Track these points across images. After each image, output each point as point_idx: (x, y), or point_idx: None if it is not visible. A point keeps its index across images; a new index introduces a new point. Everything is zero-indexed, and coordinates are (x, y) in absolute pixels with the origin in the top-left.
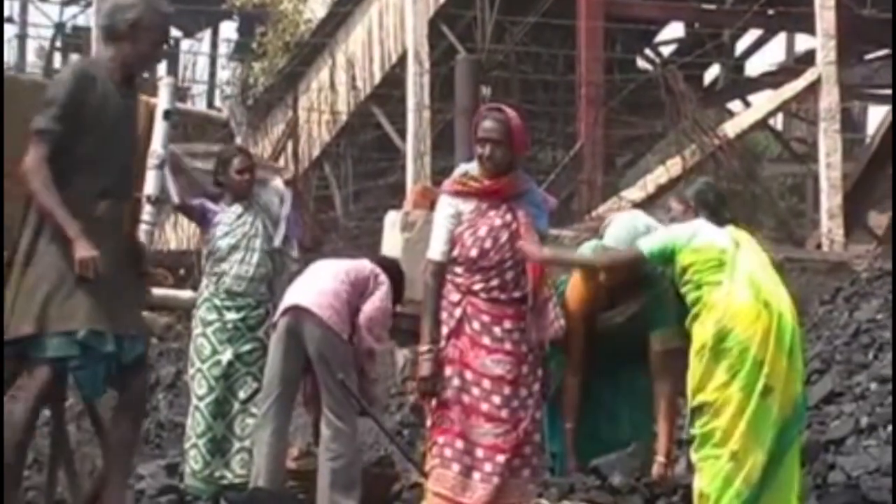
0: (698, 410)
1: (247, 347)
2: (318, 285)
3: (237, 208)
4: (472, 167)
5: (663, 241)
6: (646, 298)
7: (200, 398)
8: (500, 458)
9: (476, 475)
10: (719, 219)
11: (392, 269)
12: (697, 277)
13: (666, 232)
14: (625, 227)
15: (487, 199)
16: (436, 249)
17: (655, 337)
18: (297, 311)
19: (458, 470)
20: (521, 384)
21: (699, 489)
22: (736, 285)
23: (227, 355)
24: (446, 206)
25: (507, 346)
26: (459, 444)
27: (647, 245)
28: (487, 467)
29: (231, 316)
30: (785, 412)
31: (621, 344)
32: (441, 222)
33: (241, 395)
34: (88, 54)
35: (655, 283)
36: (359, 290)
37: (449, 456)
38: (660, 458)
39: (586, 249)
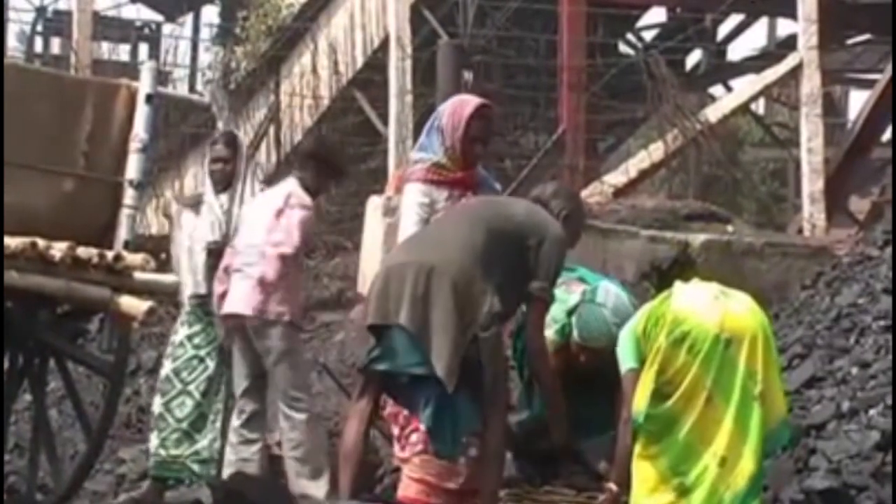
0: (656, 397)
1: (196, 328)
2: None
3: (224, 199)
4: (432, 155)
5: (632, 343)
6: None
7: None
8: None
9: (462, 460)
10: None
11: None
12: (653, 326)
13: (626, 337)
14: (597, 321)
15: (458, 188)
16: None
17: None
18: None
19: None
20: None
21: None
22: (683, 293)
23: (179, 336)
24: (418, 195)
25: None
26: None
27: (628, 362)
28: (472, 451)
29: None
30: (775, 421)
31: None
32: (414, 209)
33: (184, 375)
34: (70, 39)
35: None
36: None
37: None
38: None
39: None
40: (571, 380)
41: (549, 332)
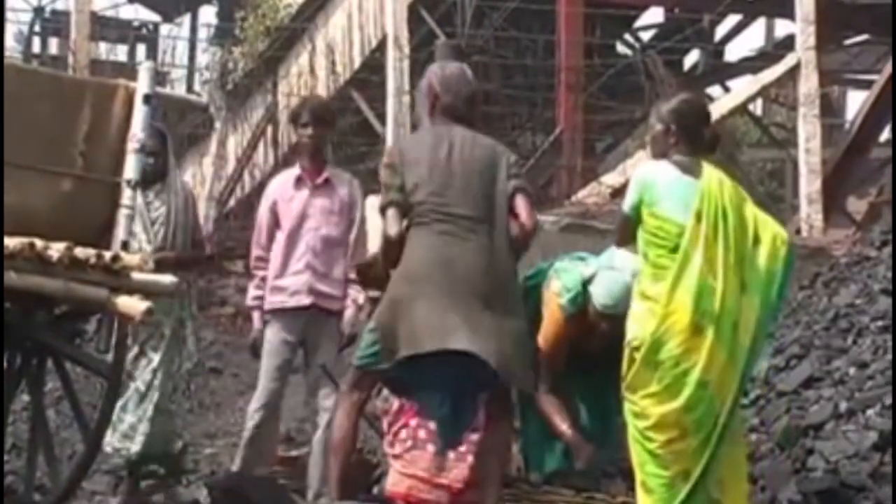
0: (629, 401)
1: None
2: None
3: (151, 196)
4: None
5: (636, 195)
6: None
7: None
8: (474, 437)
9: (451, 454)
10: (696, 144)
11: None
12: (649, 247)
13: (637, 183)
14: (618, 287)
15: None
16: (394, 231)
17: None
18: None
19: (434, 450)
20: None
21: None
22: (680, 289)
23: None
24: None
25: None
26: (432, 424)
27: (627, 205)
28: (462, 446)
29: None
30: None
31: (596, 360)
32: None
33: (129, 368)
34: (68, 39)
35: None
36: None
37: (423, 437)
38: None
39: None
40: (590, 352)
41: (563, 301)
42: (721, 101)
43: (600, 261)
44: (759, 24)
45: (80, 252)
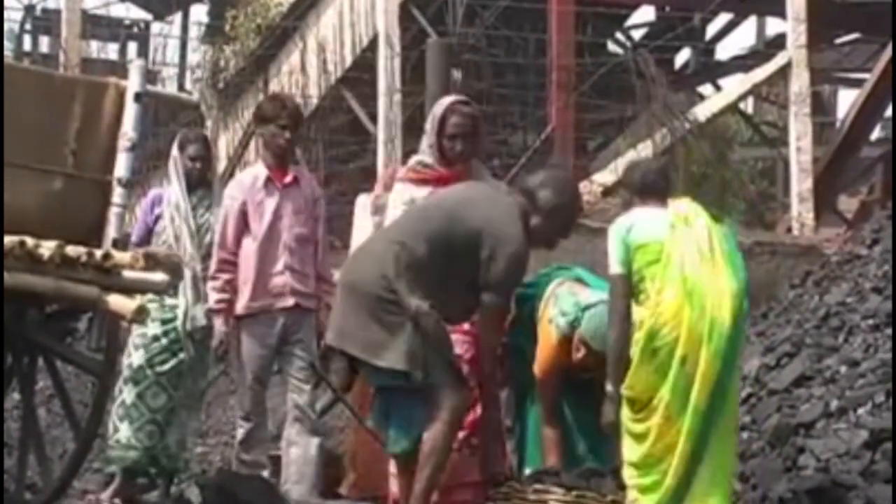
0: (629, 402)
1: (170, 325)
2: None
3: (194, 200)
4: (423, 156)
5: (619, 252)
6: None
7: None
8: (459, 435)
9: None
10: (657, 197)
11: None
12: (640, 271)
13: (617, 240)
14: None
15: (443, 186)
16: None
17: None
18: None
19: None
20: (479, 363)
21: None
22: (666, 280)
23: (153, 330)
24: (397, 194)
25: (465, 325)
26: None
27: (615, 267)
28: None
29: (168, 301)
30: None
31: (590, 392)
32: (393, 208)
33: (157, 367)
34: (59, 37)
35: None
36: None
37: None
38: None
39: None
40: (585, 378)
41: (562, 322)
42: (712, 100)
43: (601, 293)
44: (750, 23)
45: (71, 250)
